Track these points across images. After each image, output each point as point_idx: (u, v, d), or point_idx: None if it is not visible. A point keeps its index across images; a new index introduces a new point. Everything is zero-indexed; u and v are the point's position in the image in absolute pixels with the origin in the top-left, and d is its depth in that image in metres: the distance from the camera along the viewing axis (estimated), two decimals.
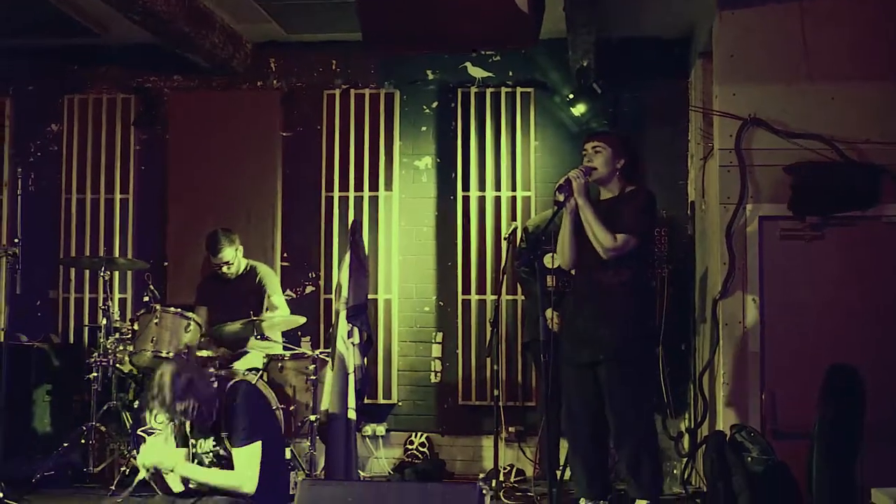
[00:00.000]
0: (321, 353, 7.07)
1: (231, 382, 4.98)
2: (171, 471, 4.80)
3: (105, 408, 7.13)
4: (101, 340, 7.21)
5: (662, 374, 7.26)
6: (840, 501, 5.20)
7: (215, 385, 4.89)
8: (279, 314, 7.39)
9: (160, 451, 4.78)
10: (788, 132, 6.67)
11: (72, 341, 8.50)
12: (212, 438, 4.92)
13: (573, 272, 6.05)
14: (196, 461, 4.90)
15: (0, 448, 6.18)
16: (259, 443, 4.84)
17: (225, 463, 4.91)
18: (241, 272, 7.59)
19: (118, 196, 8.65)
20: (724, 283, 6.67)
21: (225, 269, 7.47)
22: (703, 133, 7.46)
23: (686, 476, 7.12)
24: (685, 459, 7.25)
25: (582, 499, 5.89)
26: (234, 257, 7.47)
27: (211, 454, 4.94)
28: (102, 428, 7.02)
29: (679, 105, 8.09)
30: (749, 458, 5.58)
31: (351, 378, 6.12)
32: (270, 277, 7.68)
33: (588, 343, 5.75)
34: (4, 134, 8.76)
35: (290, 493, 6.27)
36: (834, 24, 6.73)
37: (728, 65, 6.81)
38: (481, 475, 7.72)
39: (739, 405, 6.60)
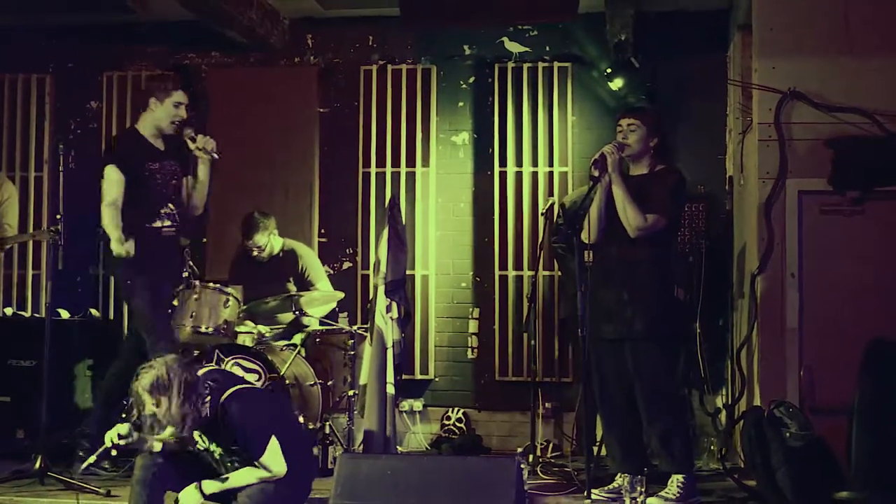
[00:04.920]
0: (359, 328, 7.10)
1: (222, 399, 4.83)
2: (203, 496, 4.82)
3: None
4: None
5: (700, 350, 7.23)
6: (879, 477, 5.18)
7: (208, 394, 4.80)
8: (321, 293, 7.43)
9: (186, 495, 4.80)
10: (829, 106, 6.61)
11: (112, 317, 8.59)
12: (216, 444, 4.89)
13: (597, 246, 6.04)
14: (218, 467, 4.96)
15: (43, 422, 6.25)
16: (273, 438, 4.81)
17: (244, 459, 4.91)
18: (275, 253, 7.59)
19: None
20: (762, 258, 6.63)
21: (256, 252, 7.48)
22: (742, 107, 7.40)
23: (724, 452, 7.10)
24: (723, 435, 7.23)
25: (618, 474, 5.90)
26: (266, 242, 7.47)
27: (227, 460, 4.93)
28: None
29: (717, 79, 8.01)
30: (787, 434, 5.56)
31: (389, 353, 6.14)
32: (312, 262, 7.66)
33: (615, 319, 5.76)
34: (45, 111, 8.85)
35: (329, 467, 6.35)
36: None
37: (768, 38, 6.75)
38: (518, 450, 7.73)
39: (777, 381, 6.57)
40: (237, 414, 4.80)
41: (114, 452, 4.88)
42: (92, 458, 4.99)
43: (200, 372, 4.92)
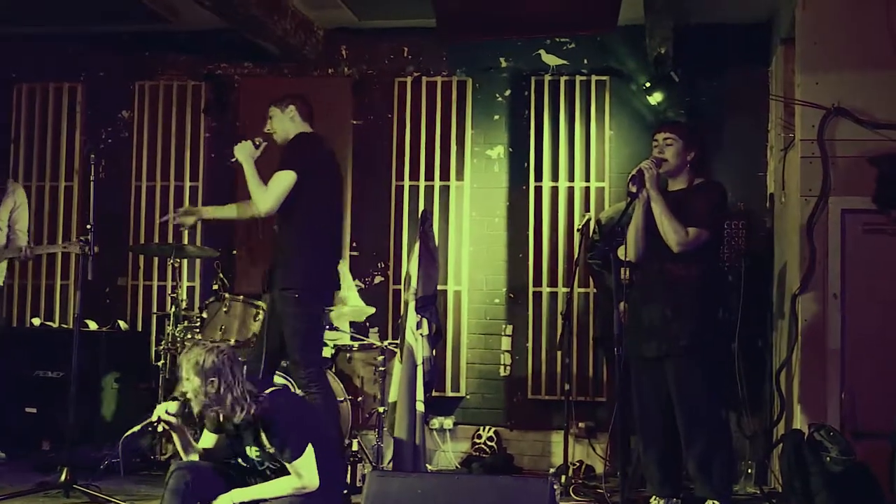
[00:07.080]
0: (390, 344, 7.04)
1: (266, 393, 4.83)
2: None
3: (172, 396, 7.11)
4: (170, 328, 7.22)
5: (738, 371, 7.10)
6: None
7: (251, 396, 4.76)
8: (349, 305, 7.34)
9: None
10: (874, 122, 6.48)
11: (140, 329, 8.57)
12: (255, 447, 4.83)
13: (639, 264, 5.97)
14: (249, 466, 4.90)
15: (70, 434, 6.21)
16: (310, 445, 4.75)
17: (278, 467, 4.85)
18: None
19: (188, 183, 8.70)
20: (803, 277, 6.51)
21: None
22: (784, 123, 7.28)
23: (762, 475, 6.97)
24: (761, 458, 7.10)
25: (654, 497, 5.80)
26: None
27: (263, 460, 4.87)
28: None
29: (758, 94, 7.91)
30: (828, 458, 5.49)
31: (419, 370, 6.10)
32: (344, 276, 7.57)
33: (656, 337, 5.68)
34: (76, 120, 8.85)
35: (358, 485, 6.26)
36: None
37: (811, 52, 6.63)
38: (550, 470, 7.64)
39: (818, 404, 6.43)
40: (279, 409, 4.77)
41: (160, 428, 4.82)
42: (136, 428, 4.98)
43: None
